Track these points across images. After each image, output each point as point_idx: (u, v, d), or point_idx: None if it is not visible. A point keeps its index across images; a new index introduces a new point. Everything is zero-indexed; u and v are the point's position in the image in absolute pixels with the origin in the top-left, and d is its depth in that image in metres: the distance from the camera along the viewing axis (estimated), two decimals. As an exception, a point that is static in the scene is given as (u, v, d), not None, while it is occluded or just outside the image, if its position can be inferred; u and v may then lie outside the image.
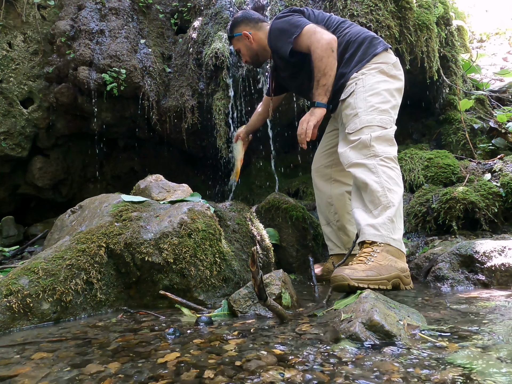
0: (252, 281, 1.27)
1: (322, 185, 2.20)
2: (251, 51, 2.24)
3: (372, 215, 1.62)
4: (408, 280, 1.56)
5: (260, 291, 1.25)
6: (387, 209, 1.59)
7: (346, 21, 2.02)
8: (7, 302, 1.35)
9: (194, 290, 1.63)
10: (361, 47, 1.86)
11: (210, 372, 0.87)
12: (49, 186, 4.00)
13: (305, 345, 1.04)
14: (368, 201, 1.66)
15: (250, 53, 2.25)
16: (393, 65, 1.85)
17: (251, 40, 2.21)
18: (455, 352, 0.94)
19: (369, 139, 1.69)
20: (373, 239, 1.56)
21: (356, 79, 1.82)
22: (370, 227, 1.58)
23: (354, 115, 1.77)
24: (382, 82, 1.80)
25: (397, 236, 1.59)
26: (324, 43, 1.81)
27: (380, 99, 1.76)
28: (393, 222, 1.59)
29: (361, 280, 1.40)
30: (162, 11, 3.88)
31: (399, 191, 1.66)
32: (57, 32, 3.50)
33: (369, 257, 1.51)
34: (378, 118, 1.73)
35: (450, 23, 3.71)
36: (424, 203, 2.63)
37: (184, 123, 3.46)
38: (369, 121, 1.72)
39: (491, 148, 3.20)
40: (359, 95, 1.79)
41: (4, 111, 3.55)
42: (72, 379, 0.88)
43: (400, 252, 1.58)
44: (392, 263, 1.50)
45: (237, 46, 2.29)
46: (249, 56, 2.27)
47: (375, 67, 1.82)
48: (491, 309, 1.34)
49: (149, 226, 1.69)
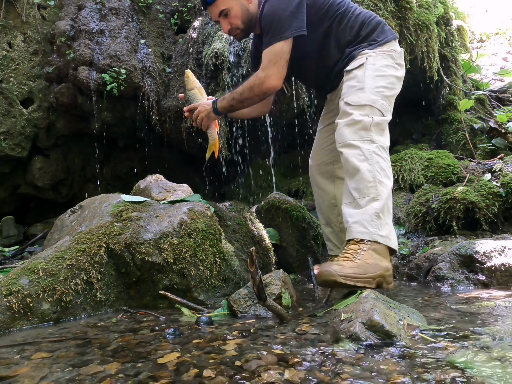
0: (251, 281, 1.27)
1: (324, 183, 2.09)
2: (247, 14, 1.82)
3: (358, 205, 1.57)
4: (391, 279, 1.54)
5: (259, 291, 1.25)
6: (374, 201, 1.55)
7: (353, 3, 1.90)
8: (7, 302, 1.35)
9: (194, 290, 1.63)
10: (375, 30, 1.79)
11: (210, 372, 0.87)
12: (49, 186, 4.00)
13: (305, 345, 1.04)
14: (353, 188, 1.59)
15: (246, 16, 1.82)
16: (399, 54, 1.81)
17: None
18: (455, 352, 0.94)
19: (370, 122, 1.61)
20: (361, 237, 1.52)
21: (367, 55, 1.73)
22: (358, 225, 1.55)
23: (359, 88, 1.67)
24: (391, 67, 1.75)
25: (385, 232, 1.55)
26: (265, 86, 1.72)
27: (386, 83, 1.71)
28: (380, 218, 1.54)
29: (348, 277, 1.39)
30: (162, 11, 3.88)
31: (389, 184, 1.61)
32: (57, 32, 3.50)
33: (356, 254, 1.49)
34: (381, 102, 1.67)
35: (450, 23, 3.71)
36: (424, 203, 2.63)
37: (184, 123, 3.46)
38: (373, 101, 1.65)
39: (491, 148, 3.20)
40: (368, 72, 1.69)
41: (4, 111, 3.55)
42: (72, 379, 0.88)
43: (386, 249, 1.55)
44: (378, 261, 1.49)
45: (227, 5, 1.79)
46: (243, 19, 1.83)
47: (387, 50, 1.76)
48: (491, 309, 1.34)
49: (149, 226, 1.69)
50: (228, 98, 1.82)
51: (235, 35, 1.90)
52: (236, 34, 1.89)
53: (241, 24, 1.83)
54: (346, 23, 1.78)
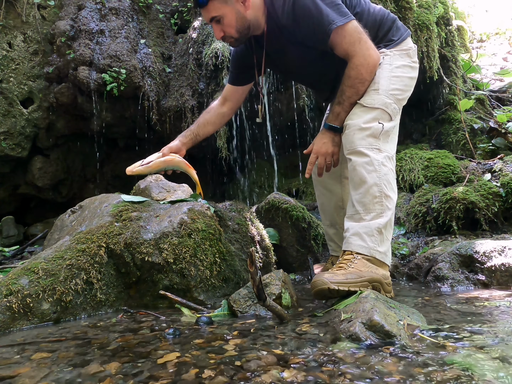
0: (251, 282, 1.27)
1: (330, 184, 1.98)
2: (243, 21, 1.64)
3: (362, 218, 1.51)
4: (390, 288, 1.50)
5: (259, 292, 1.25)
6: (378, 218, 1.50)
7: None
8: (7, 302, 1.35)
9: (194, 290, 1.63)
10: (391, 29, 1.72)
11: (210, 372, 0.87)
12: (49, 186, 4.00)
13: (305, 345, 1.04)
14: (357, 201, 1.53)
15: (241, 24, 1.65)
16: (414, 51, 1.76)
17: (247, 4, 1.62)
18: (455, 352, 0.94)
19: (380, 130, 1.54)
20: (358, 251, 1.48)
21: (384, 54, 1.67)
22: (357, 237, 1.50)
23: (374, 89, 1.60)
24: (407, 67, 1.69)
25: (384, 248, 1.51)
26: (371, 63, 1.57)
27: (401, 85, 1.65)
28: (382, 234, 1.50)
29: (340, 283, 1.35)
30: (162, 11, 3.89)
31: (394, 197, 1.56)
32: (57, 32, 3.50)
33: (349, 263, 1.46)
34: (393, 106, 1.61)
35: (450, 23, 3.71)
36: (424, 203, 2.63)
37: (184, 123, 3.46)
38: (386, 105, 1.59)
39: (491, 148, 3.20)
40: (384, 72, 1.62)
41: (4, 111, 3.55)
42: (72, 379, 0.88)
43: (383, 263, 1.51)
44: (373, 269, 1.46)
45: (219, 12, 1.61)
46: (238, 28, 1.65)
47: (405, 49, 1.71)
48: (491, 309, 1.34)
49: (149, 226, 1.69)
50: (341, 109, 1.62)
51: (228, 42, 1.76)
52: (229, 42, 1.74)
53: (235, 33, 1.67)
54: (363, 26, 1.64)
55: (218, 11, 1.61)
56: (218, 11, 1.61)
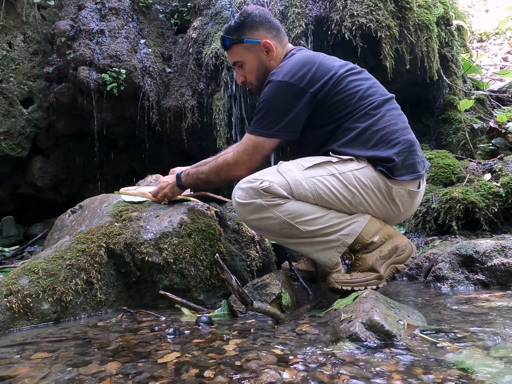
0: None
1: None
2: (265, 70, 1.59)
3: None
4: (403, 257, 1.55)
5: (241, 296, 1.21)
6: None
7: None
8: (7, 302, 1.35)
9: (194, 290, 1.63)
10: None
11: (210, 372, 0.87)
12: (49, 186, 4.00)
13: (305, 345, 1.04)
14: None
15: (262, 73, 1.60)
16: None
17: (271, 54, 1.58)
18: (455, 353, 0.94)
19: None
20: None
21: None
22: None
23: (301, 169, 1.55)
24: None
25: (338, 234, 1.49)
26: (233, 172, 1.57)
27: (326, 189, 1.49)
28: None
29: (345, 283, 1.44)
30: (162, 11, 3.89)
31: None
32: (57, 32, 3.50)
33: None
34: (301, 190, 1.50)
35: (450, 23, 3.71)
36: (424, 203, 2.63)
37: (184, 123, 3.46)
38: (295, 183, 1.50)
39: (491, 148, 3.20)
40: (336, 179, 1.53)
41: (4, 111, 3.55)
42: (72, 379, 0.88)
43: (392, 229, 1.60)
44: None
45: (242, 57, 1.60)
46: (258, 77, 1.62)
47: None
48: (491, 309, 1.34)
49: (149, 226, 1.69)
50: (193, 176, 1.67)
51: (248, 88, 1.72)
52: (250, 88, 1.71)
53: (255, 81, 1.63)
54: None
55: (240, 56, 1.61)
56: (240, 57, 1.61)
